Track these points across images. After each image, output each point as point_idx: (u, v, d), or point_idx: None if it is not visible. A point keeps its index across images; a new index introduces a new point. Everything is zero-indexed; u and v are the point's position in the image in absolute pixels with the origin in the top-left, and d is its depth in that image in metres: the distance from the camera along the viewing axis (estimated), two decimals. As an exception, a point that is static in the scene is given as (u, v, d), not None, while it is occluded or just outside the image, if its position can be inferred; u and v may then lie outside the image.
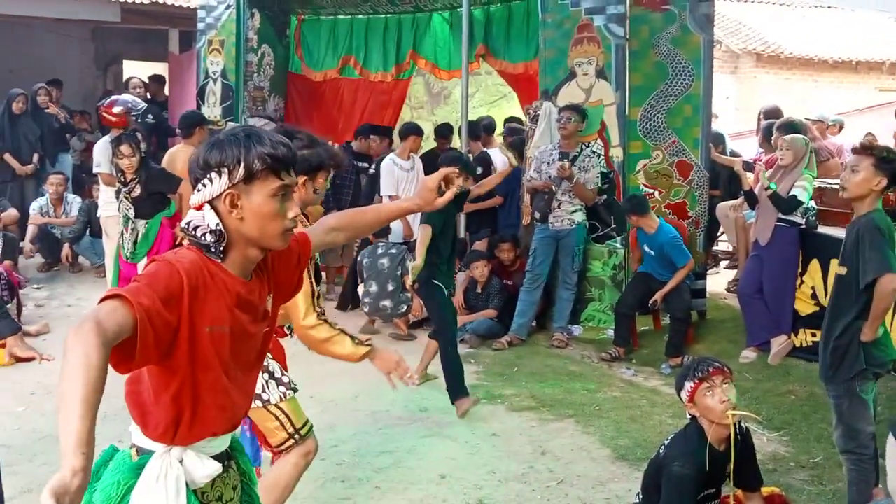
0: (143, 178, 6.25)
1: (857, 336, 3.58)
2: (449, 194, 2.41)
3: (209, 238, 1.86)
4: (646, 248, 6.55)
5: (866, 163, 3.59)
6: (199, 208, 1.89)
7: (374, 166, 8.31)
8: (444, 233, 5.37)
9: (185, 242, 1.94)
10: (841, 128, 8.86)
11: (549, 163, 6.95)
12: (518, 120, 9.45)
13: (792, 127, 6.80)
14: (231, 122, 9.17)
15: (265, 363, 3.46)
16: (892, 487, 2.32)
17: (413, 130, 8.26)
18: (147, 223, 6.34)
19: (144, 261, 6.22)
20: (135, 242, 6.34)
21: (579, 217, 6.90)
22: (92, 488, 1.88)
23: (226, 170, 1.84)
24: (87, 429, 1.45)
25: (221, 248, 1.88)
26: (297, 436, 3.22)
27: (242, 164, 1.84)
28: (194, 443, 1.96)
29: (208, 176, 1.86)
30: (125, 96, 8.21)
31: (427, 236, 5.30)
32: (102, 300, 1.66)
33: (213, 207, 1.87)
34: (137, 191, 6.29)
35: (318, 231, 2.33)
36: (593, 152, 6.98)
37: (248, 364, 2.04)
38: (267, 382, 3.21)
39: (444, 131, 9.62)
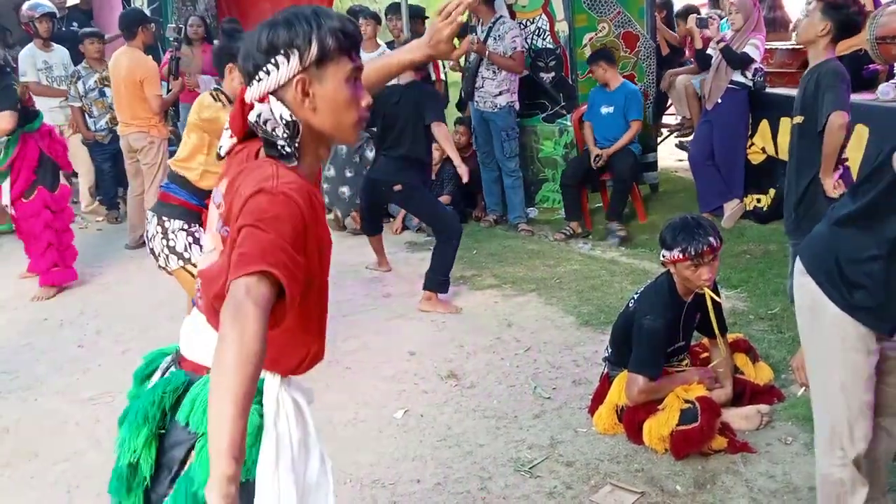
0: None
1: (822, 188, 3.59)
2: (465, 44, 2.26)
3: (281, 133, 1.60)
4: (602, 110, 6.40)
5: (815, 7, 3.65)
6: (264, 100, 1.61)
7: None
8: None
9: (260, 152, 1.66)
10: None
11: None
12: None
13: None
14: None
15: (193, 228, 3.58)
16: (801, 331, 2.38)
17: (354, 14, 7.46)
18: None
19: (7, 181, 5.44)
20: None
21: (503, 101, 6.60)
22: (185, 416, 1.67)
23: (296, 51, 1.58)
24: (239, 433, 1.35)
25: (296, 147, 1.62)
26: None
27: (316, 43, 1.59)
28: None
29: (272, 60, 1.59)
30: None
31: (447, 133, 5.21)
32: (241, 274, 1.42)
33: (280, 98, 1.61)
34: None
35: None
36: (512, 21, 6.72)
37: None
38: (191, 245, 3.52)
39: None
